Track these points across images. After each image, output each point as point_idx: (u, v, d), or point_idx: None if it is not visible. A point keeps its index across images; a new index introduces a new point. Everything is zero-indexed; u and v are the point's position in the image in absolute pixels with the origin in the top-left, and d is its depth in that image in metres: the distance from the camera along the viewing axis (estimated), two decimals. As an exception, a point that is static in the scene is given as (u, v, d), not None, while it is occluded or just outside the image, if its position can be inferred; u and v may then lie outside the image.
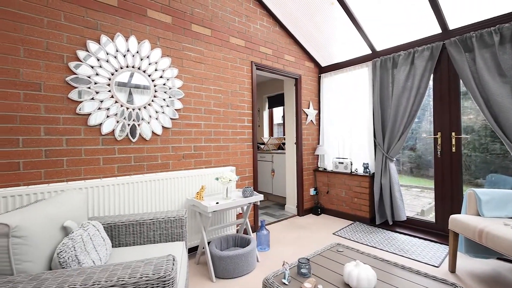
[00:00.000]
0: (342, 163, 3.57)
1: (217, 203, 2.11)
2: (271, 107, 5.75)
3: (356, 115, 3.53)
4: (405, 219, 3.04)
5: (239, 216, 2.84)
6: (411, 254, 2.40)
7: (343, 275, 1.38)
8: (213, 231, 2.50)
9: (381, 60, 3.21)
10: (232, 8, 2.87)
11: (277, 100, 5.51)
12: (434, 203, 2.90)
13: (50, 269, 1.14)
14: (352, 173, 3.44)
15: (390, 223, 3.10)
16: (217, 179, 2.24)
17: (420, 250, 2.50)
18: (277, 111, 5.79)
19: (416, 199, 3.83)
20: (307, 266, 1.46)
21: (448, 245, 2.56)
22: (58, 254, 1.11)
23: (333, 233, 2.98)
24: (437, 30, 2.74)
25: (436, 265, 2.20)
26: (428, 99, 3.03)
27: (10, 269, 1.00)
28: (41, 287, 0.90)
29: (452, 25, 2.64)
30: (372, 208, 3.32)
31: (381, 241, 2.72)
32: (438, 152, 2.81)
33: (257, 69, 3.15)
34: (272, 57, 3.31)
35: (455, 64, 2.58)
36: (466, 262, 2.25)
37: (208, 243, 2.44)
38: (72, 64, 1.86)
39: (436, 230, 2.86)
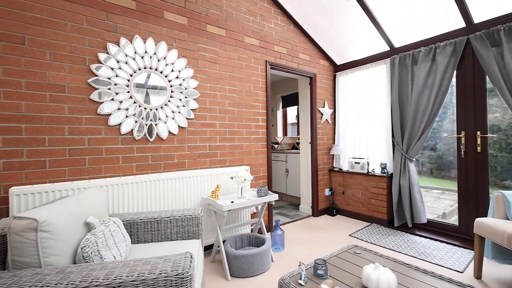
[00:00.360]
0: (359, 163, 3.49)
1: (232, 202, 2.12)
2: (285, 106, 5.72)
3: (374, 114, 3.44)
4: (426, 221, 2.92)
5: (253, 215, 2.84)
6: (433, 258, 2.31)
7: (361, 278, 1.35)
8: (228, 230, 2.52)
9: (400, 57, 3.11)
10: (246, 8, 2.88)
11: (291, 100, 5.47)
12: (457, 205, 2.77)
13: (75, 263, 1.19)
14: (369, 174, 3.35)
15: (410, 225, 3.00)
16: (232, 178, 2.26)
17: (442, 254, 2.39)
18: (291, 111, 5.74)
19: (437, 201, 3.68)
20: (323, 267, 1.44)
21: (473, 249, 2.44)
22: (82, 248, 1.16)
23: (349, 235, 2.92)
24: (461, 24, 2.62)
25: (460, 270, 2.10)
26: (451, 97, 2.90)
27: (38, 262, 1.05)
28: (67, 279, 0.94)
29: (477, 18, 2.52)
30: (390, 210, 3.22)
31: (400, 244, 2.63)
32: (462, 152, 2.68)
33: (271, 68, 3.14)
34: (287, 56, 3.29)
35: (481, 60, 2.46)
36: (493, 268, 2.14)
37: (223, 241, 2.46)
38: (93, 66, 1.93)
39: (460, 234, 2.74)
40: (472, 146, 2.62)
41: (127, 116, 2.08)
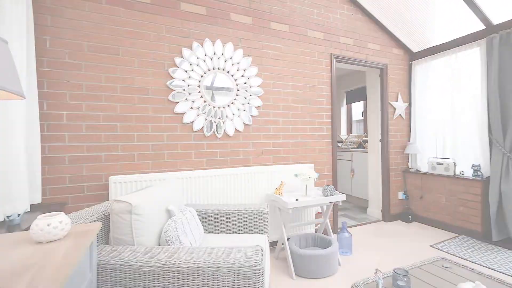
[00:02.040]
0: (442, 163, 3.00)
1: (296, 199, 2.07)
2: (349, 102, 5.36)
3: (462, 107, 2.91)
4: (540, 238, 2.33)
5: (317, 215, 2.73)
6: (554, 286, 1.82)
7: (456, 297, 1.14)
8: (291, 228, 2.48)
9: (501, 36, 2.54)
10: (310, 1, 2.78)
11: (356, 95, 5.09)
12: None
13: (159, 245, 1.32)
14: (457, 176, 2.85)
15: (515, 241, 2.44)
16: (296, 175, 2.21)
17: None
18: (356, 107, 5.35)
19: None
20: (405, 279, 1.27)
21: None
22: (165, 232, 1.28)
23: (431, 246, 2.54)
24: None
25: None
26: None
27: (132, 240, 1.21)
28: (155, 258, 1.05)
29: None
30: (487, 220, 2.68)
31: (503, 263, 2.15)
32: None
33: (336, 61, 2.96)
34: (354, 47, 3.06)
35: None
36: None
37: (287, 239, 2.43)
38: (170, 70, 2.14)
39: None
40: None
41: (198, 115, 2.24)
